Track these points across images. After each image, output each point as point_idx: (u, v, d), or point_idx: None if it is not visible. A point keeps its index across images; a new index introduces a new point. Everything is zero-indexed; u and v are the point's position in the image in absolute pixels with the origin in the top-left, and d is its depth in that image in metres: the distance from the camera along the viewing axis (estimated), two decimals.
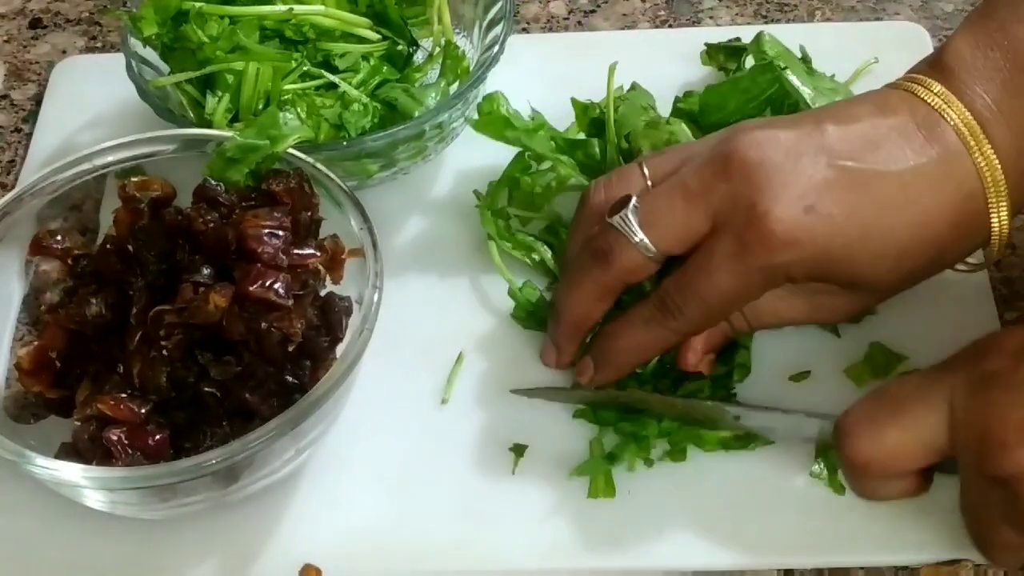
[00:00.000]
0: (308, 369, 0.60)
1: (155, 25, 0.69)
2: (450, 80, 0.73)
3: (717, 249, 0.58)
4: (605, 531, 0.60)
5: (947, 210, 0.57)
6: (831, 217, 0.56)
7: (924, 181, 0.57)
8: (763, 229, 0.56)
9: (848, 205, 0.57)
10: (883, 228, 0.57)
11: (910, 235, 0.57)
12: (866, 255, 0.57)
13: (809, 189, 0.56)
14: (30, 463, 0.56)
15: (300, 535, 0.61)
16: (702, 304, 0.59)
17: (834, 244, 0.57)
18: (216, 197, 0.62)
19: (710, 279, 0.58)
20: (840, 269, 0.58)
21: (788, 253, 0.57)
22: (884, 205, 0.57)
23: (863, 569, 0.60)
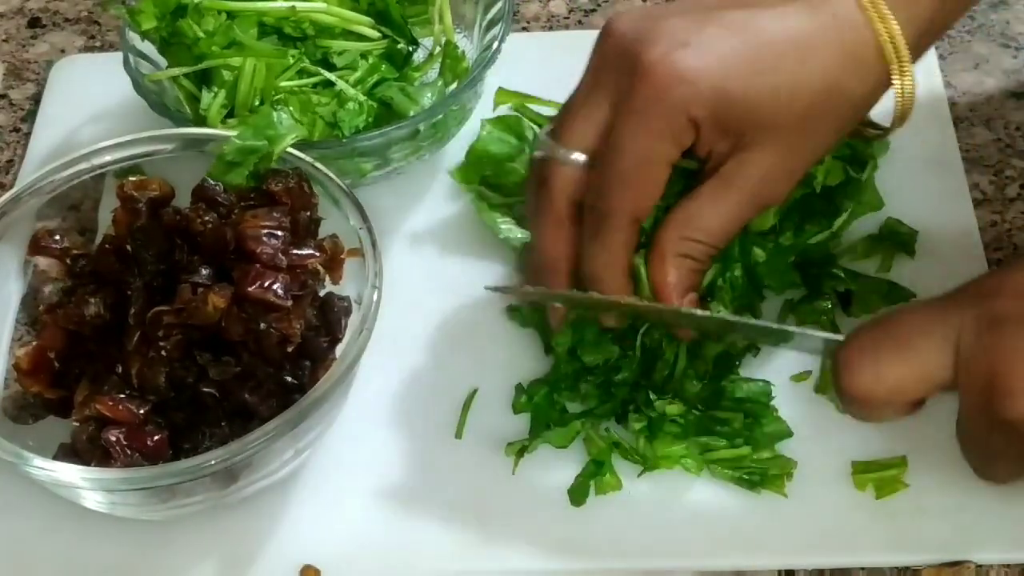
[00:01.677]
0: (307, 369, 0.60)
1: (153, 19, 0.69)
2: (448, 80, 0.73)
3: (619, 119, 0.58)
4: (605, 531, 0.60)
5: (834, 47, 0.58)
6: (716, 53, 0.57)
7: (810, 23, 0.58)
8: (649, 76, 0.57)
9: (732, 43, 0.58)
10: (770, 60, 0.58)
11: (797, 67, 0.58)
12: (758, 88, 0.57)
13: (686, 32, 0.58)
14: (28, 464, 0.56)
15: (299, 536, 0.61)
16: (625, 181, 0.59)
17: (725, 78, 0.57)
18: (215, 197, 0.62)
19: (621, 150, 0.58)
20: (738, 106, 0.58)
21: (680, 89, 0.57)
22: (768, 40, 0.58)
23: (863, 569, 0.59)
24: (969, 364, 0.52)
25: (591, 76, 0.61)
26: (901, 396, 0.54)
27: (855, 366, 0.54)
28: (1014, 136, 0.76)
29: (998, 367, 0.51)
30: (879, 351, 0.54)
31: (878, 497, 0.60)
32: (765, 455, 0.61)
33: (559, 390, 0.63)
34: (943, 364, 0.53)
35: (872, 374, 0.54)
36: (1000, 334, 0.52)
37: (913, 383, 0.54)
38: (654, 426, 0.61)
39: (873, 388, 0.54)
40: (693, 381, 0.62)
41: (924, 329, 0.54)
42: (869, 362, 0.54)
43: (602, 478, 0.61)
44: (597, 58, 0.61)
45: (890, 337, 0.54)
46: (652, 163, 0.59)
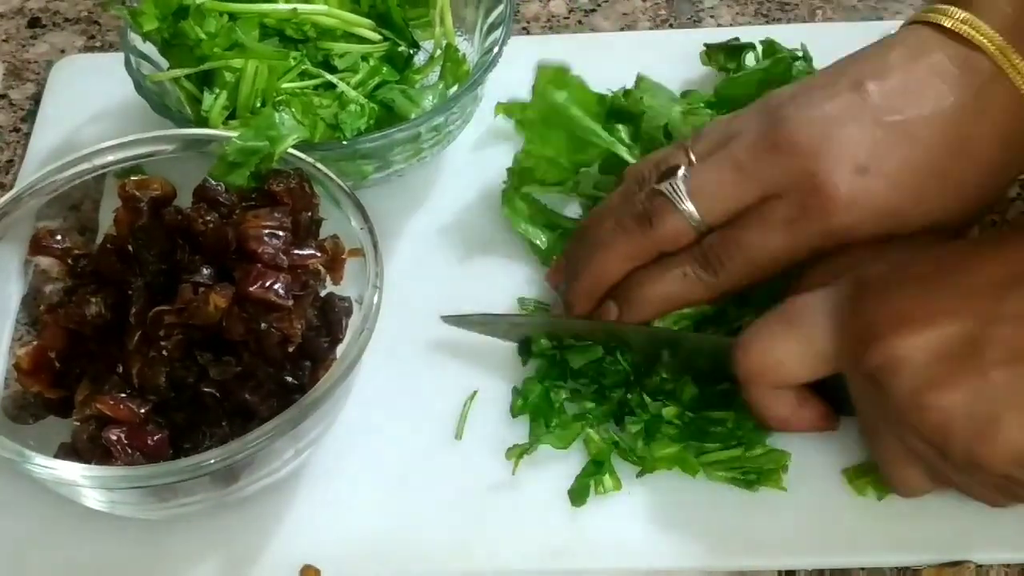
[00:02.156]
0: (308, 369, 0.60)
1: (155, 20, 0.69)
2: (449, 83, 0.73)
3: (774, 214, 0.60)
4: (606, 531, 0.60)
5: (995, 135, 0.59)
6: (887, 175, 0.59)
7: (968, 114, 0.59)
8: (823, 195, 0.59)
9: (900, 158, 0.59)
10: (938, 171, 0.59)
11: (965, 169, 0.59)
12: (928, 201, 0.59)
13: (861, 152, 0.59)
14: (29, 462, 0.56)
15: (300, 535, 0.61)
16: (748, 263, 0.61)
17: (895, 199, 0.59)
18: (216, 197, 0.62)
19: (762, 239, 0.60)
20: (907, 220, 0.60)
21: (848, 215, 0.59)
22: (935, 149, 0.59)
23: (863, 569, 0.59)
24: (843, 330, 0.55)
25: (752, 155, 0.60)
26: (788, 370, 0.58)
27: (746, 345, 0.58)
28: None
29: (863, 320, 0.54)
30: (767, 330, 0.58)
31: (880, 498, 0.60)
32: (757, 451, 0.61)
33: (555, 388, 0.63)
34: (824, 336, 0.56)
35: (759, 351, 0.58)
36: (865, 294, 0.55)
37: (798, 355, 0.57)
38: (650, 428, 0.61)
39: (760, 362, 0.58)
40: (688, 384, 0.62)
41: (807, 306, 0.57)
42: (757, 340, 0.58)
43: (602, 478, 0.61)
44: (765, 144, 0.60)
45: (778, 317, 0.58)
46: (783, 262, 0.61)
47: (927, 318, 0.53)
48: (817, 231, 0.60)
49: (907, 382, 0.53)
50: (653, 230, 0.62)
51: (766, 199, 0.60)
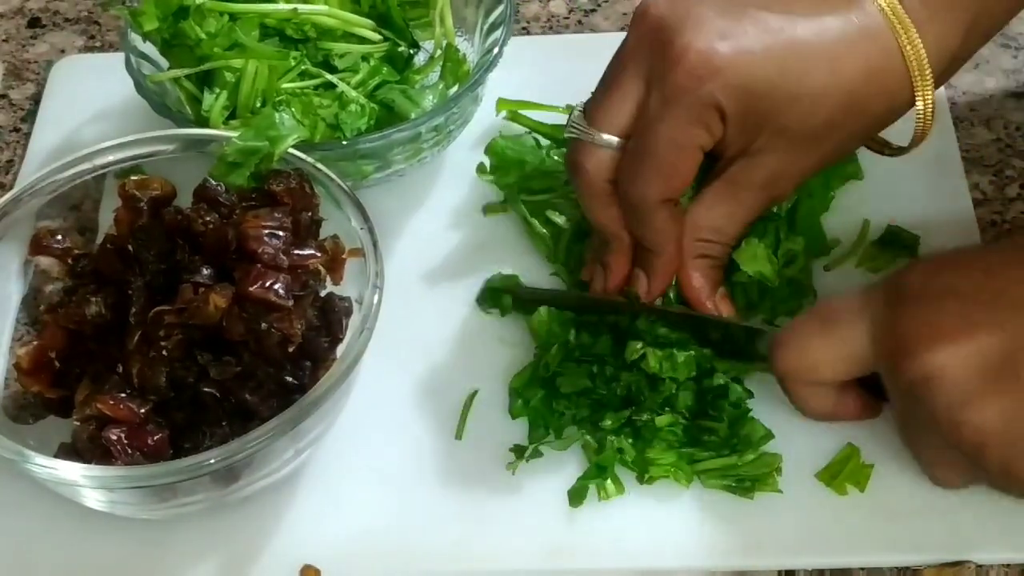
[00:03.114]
0: (308, 369, 0.60)
1: (155, 20, 0.69)
2: (449, 83, 0.73)
3: (651, 103, 0.60)
4: (605, 531, 0.60)
5: (862, 63, 0.59)
6: (749, 50, 0.59)
7: (839, 33, 0.59)
8: (685, 63, 0.58)
9: (764, 42, 0.59)
10: (798, 66, 0.59)
11: (825, 77, 0.59)
12: (784, 91, 0.59)
13: (724, 26, 0.59)
14: (30, 462, 0.56)
15: (300, 535, 0.61)
16: (657, 163, 0.60)
17: (754, 75, 0.59)
18: (216, 197, 0.62)
19: (654, 133, 0.60)
20: (762, 104, 0.59)
21: (712, 80, 0.58)
22: (799, 46, 0.59)
23: (863, 569, 0.59)
24: (880, 337, 0.55)
25: (624, 57, 0.61)
26: (823, 371, 0.58)
27: (783, 344, 0.58)
28: (1014, 136, 0.76)
29: (899, 332, 0.54)
30: (804, 330, 0.58)
31: (862, 491, 0.60)
32: (750, 457, 0.61)
33: (556, 396, 0.63)
34: (861, 339, 0.56)
35: (796, 350, 0.58)
36: (903, 305, 0.55)
37: (833, 357, 0.57)
38: (646, 437, 0.62)
39: (796, 363, 0.58)
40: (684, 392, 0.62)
41: (845, 308, 0.57)
42: (795, 340, 0.58)
43: (604, 483, 0.61)
44: (632, 40, 0.61)
45: (816, 318, 0.58)
46: (684, 147, 0.60)
47: (963, 333, 0.53)
48: (689, 102, 0.58)
49: (943, 398, 0.53)
50: (585, 173, 0.62)
51: (647, 91, 0.60)
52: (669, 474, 0.61)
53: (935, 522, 0.59)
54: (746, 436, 0.61)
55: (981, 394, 0.52)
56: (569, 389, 0.63)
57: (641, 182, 0.61)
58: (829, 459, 0.62)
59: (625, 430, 0.62)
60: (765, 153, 0.61)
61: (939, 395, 0.53)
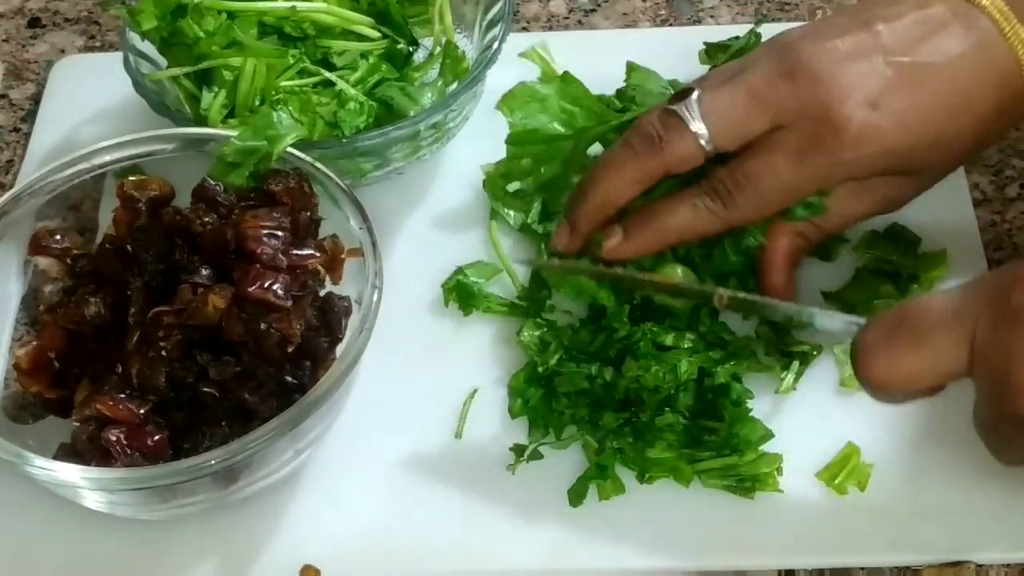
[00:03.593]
0: (307, 369, 0.60)
1: (154, 19, 0.69)
2: (448, 80, 0.73)
3: (783, 144, 0.61)
4: (605, 531, 0.60)
5: (992, 94, 0.61)
6: (895, 113, 0.60)
7: (969, 69, 0.61)
8: (835, 126, 0.60)
9: (908, 99, 0.61)
10: (939, 117, 0.61)
11: (962, 121, 0.61)
12: (925, 144, 0.61)
13: (873, 88, 0.60)
14: (29, 464, 0.56)
15: (300, 535, 0.61)
16: (756, 195, 0.62)
17: (898, 138, 0.61)
18: (215, 197, 0.62)
19: (771, 171, 0.61)
20: (902, 161, 0.62)
21: (857, 149, 0.60)
22: (938, 95, 0.61)
23: (863, 569, 0.59)
24: (983, 358, 0.53)
25: (765, 82, 0.61)
26: (915, 385, 0.55)
27: (871, 355, 0.55)
28: (1014, 136, 0.76)
29: (1011, 362, 0.52)
30: (894, 342, 0.54)
31: (862, 491, 0.60)
32: (750, 457, 0.61)
33: (555, 396, 0.63)
34: (956, 357, 0.53)
35: (887, 364, 0.55)
36: (1014, 328, 0.52)
37: (926, 374, 0.55)
38: (646, 436, 0.61)
39: (888, 378, 0.55)
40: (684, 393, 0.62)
41: (939, 322, 0.54)
42: (884, 352, 0.55)
43: (604, 483, 0.61)
44: (780, 75, 0.61)
45: (906, 328, 0.54)
46: (792, 196, 0.63)
47: None
48: (824, 163, 0.61)
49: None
50: (662, 150, 0.62)
51: (776, 129, 0.61)
52: (669, 474, 0.61)
53: (935, 522, 0.59)
54: (746, 436, 0.61)
55: None
56: (567, 389, 0.63)
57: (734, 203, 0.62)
58: (829, 459, 0.62)
59: (625, 430, 0.62)
60: (898, 177, 0.63)
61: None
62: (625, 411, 0.62)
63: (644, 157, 0.63)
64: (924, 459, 0.61)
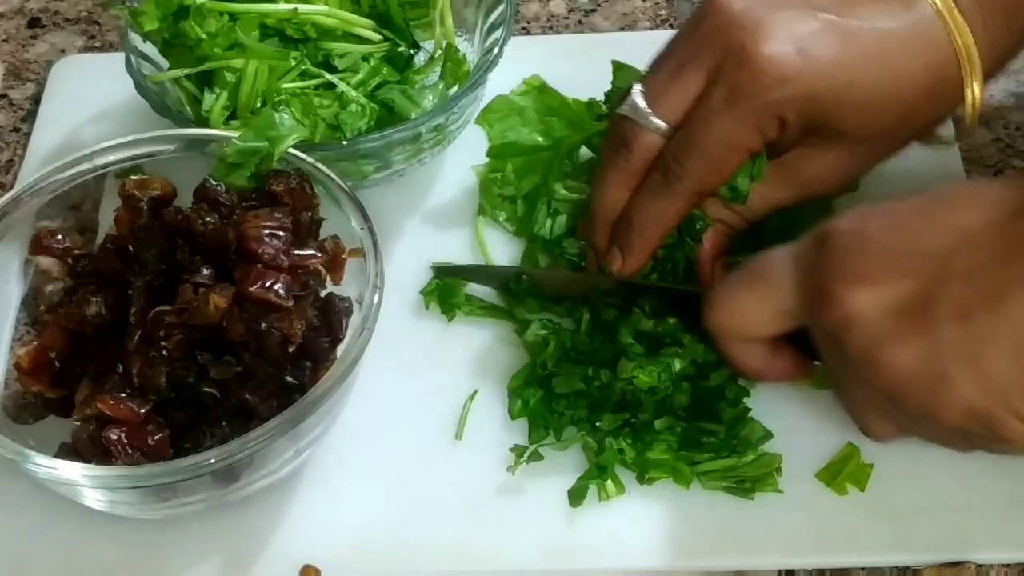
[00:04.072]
0: (308, 369, 0.60)
1: (156, 20, 0.69)
2: (450, 83, 0.73)
3: (712, 98, 0.61)
4: (605, 531, 0.60)
5: (922, 70, 0.61)
6: (819, 60, 0.59)
7: (901, 40, 0.60)
8: (755, 67, 0.59)
9: (834, 51, 0.60)
10: (865, 77, 0.60)
11: (889, 87, 0.60)
12: (850, 102, 0.60)
13: (797, 33, 0.60)
14: (30, 462, 0.56)
15: (300, 535, 0.61)
16: (703, 157, 0.61)
17: (822, 86, 0.60)
18: (216, 197, 0.62)
19: (708, 128, 0.61)
20: (827, 114, 0.60)
21: (780, 90, 0.59)
22: (866, 56, 0.60)
23: (863, 569, 0.59)
24: (805, 284, 0.56)
25: (690, 47, 0.62)
26: (753, 326, 0.58)
27: (715, 302, 0.59)
28: (1014, 136, 0.76)
29: (820, 276, 0.54)
30: (734, 286, 0.59)
31: (862, 491, 0.60)
32: (750, 458, 0.61)
33: (555, 397, 0.63)
34: (788, 291, 0.56)
35: (726, 306, 0.59)
36: (825, 249, 0.55)
37: (762, 311, 0.58)
38: (644, 438, 0.62)
39: (727, 319, 0.59)
40: (679, 394, 0.62)
41: (773, 262, 0.58)
42: (724, 296, 0.59)
43: (604, 483, 0.61)
44: (701, 33, 0.62)
45: (744, 274, 0.59)
46: (733, 148, 0.62)
47: (879, 276, 0.53)
48: (752, 106, 0.60)
49: (859, 339, 0.53)
50: (632, 153, 0.63)
51: (709, 84, 0.61)
52: (669, 475, 0.61)
53: (935, 522, 0.59)
54: (745, 436, 0.61)
55: (895, 335, 0.52)
56: (564, 389, 0.63)
57: (683, 171, 0.62)
58: (829, 459, 0.62)
59: (624, 431, 0.62)
60: (821, 151, 0.63)
61: (856, 337, 0.53)
62: (623, 412, 0.62)
63: (621, 163, 0.64)
64: (924, 459, 0.61)
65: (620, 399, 0.62)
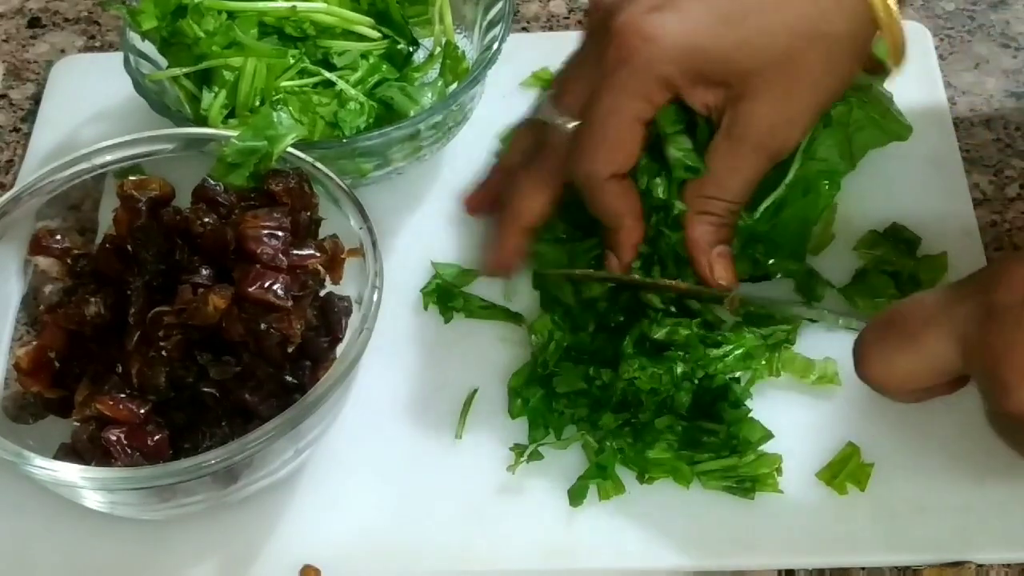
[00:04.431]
0: (308, 369, 0.60)
1: (154, 19, 0.69)
2: (449, 80, 0.73)
3: (595, 77, 0.62)
4: (605, 531, 0.60)
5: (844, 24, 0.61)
6: (682, 12, 0.61)
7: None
8: (621, 38, 0.61)
9: (700, 2, 0.61)
10: (738, 12, 0.60)
11: (769, 13, 0.60)
12: (731, 39, 0.60)
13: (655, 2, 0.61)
14: (29, 463, 0.56)
15: (300, 535, 0.61)
16: (597, 134, 0.62)
17: (693, 35, 0.61)
18: (215, 197, 0.62)
19: (594, 110, 0.62)
20: (714, 59, 0.61)
21: (645, 49, 0.61)
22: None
23: (863, 569, 0.59)
24: (973, 356, 0.52)
25: (582, 45, 0.66)
26: (913, 384, 0.55)
27: (866, 356, 0.55)
28: (1014, 136, 0.76)
29: (996, 360, 0.51)
30: (887, 344, 0.55)
31: (862, 491, 0.60)
32: (750, 458, 0.61)
33: (555, 396, 0.63)
34: (949, 355, 0.53)
35: (882, 366, 0.55)
36: (998, 325, 0.51)
37: (923, 373, 0.54)
38: (645, 437, 0.61)
39: (886, 379, 0.55)
40: (680, 393, 0.62)
41: (929, 321, 0.54)
42: (878, 355, 0.55)
43: (604, 483, 0.61)
44: (586, 27, 0.66)
45: (897, 330, 0.54)
46: (623, 119, 0.62)
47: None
48: (628, 74, 0.61)
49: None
50: (547, 153, 0.65)
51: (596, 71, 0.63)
52: (669, 475, 0.61)
53: (935, 522, 0.59)
54: (746, 437, 0.61)
55: None
56: (565, 389, 0.63)
57: (586, 158, 0.63)
58: (829, 459, 0.62)
59: (624, 430, 0.62)
60: (748, 100, 0.62)
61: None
62: (624, 412, 0.62)
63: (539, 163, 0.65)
64: (924, 459, 0.61)
65: (621, 399, 0.62)
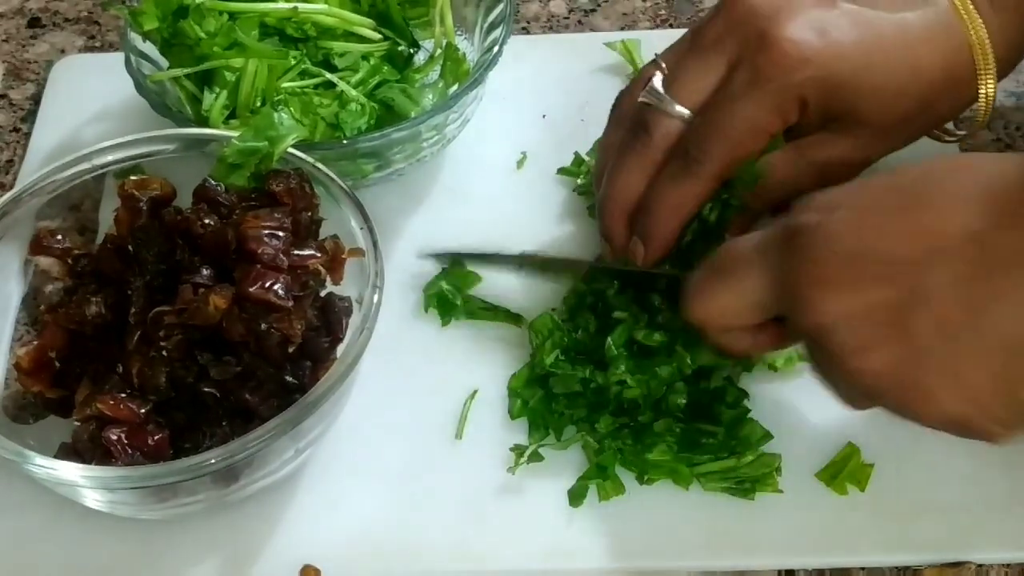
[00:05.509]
0: (308, 369, 0.60)
1: (155, 20, 0.69)
2: (449, 82, 0.73)
3: (734, 82, 0.62)
4: (605, 531, 0.60)
5: (939, 59, 0.62)
6: (839, 43, 0.61)
7: (919, 29, 0.62)
8: (777, 50, 0.61)
9: (853, 36, 0.61)
10: (883, 62, 0.61)
11: (906, 74, 0.62)
12: (869, 86, 0.61)
13: (816, 18, 0.61)
14: (30, 462, 0.56)
15: (300, 535, 0.61)
16: (724, 139, 0.62)
17: (842, 69, 0.61)
18: (216, 197, 0.62)
19: (730, 111, 0.62)
20: (846, 97, 0.62)
21: (801, 71, 0.61)
22: (885, 42, 0.61)
23: (863, 569, 0.59)
24: (778, 286, 0.55)
25: (712, 35, 0.63)
26: (730, 319, 0.58)
27: (689, 297, 0.59)
28: (1014, 136, 0.76)
29: (794, 277, 0.54)
30: (708, 282, 0.58)
31: (862, 491, 0.60)
32: (749, 458, 0.61)
33: (554, 397, 0.63)
34: (761, 285, 0.56)
35: (702, 302, 0.58)
36: (795, 245, 0.54)
37: (737, 306, 0.57)
38: (643, 439, 0.61)
39: (706, 315, 0.58)
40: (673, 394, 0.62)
41: (742, 258, 0.57)
42: (699, 292, 0.58)
43: (604, 483, 0.61)
44: (721, 23, 0.63)
45: (716, 267, 0.58)
46: (756, 131, 0.62)
47: (851, 283, 0.52)
48: (774, 88, 0.61)
49: (835, 346, 0.53)
50: (651, 137, 0.64)
51: (731, 70, 0.62)
52: (668, 476, 0.61)
53: (935, 522, 0.59)
54: (745, 437, 0.61)
55: (874, 344, 0.52)
56: (562, 390, 0.63)
57: (705, 156, 0.62)
58: (829, 459, 0.62)
59: (623, 432, 0.62)
60: (839, 136, 0.63)
61: (833, 345, 0.53)
62: (622, 416, 0.62)
63: (639, 148, 0.64)
64: (924, 459, 0.61)
65: (617, 401, 0.62)
